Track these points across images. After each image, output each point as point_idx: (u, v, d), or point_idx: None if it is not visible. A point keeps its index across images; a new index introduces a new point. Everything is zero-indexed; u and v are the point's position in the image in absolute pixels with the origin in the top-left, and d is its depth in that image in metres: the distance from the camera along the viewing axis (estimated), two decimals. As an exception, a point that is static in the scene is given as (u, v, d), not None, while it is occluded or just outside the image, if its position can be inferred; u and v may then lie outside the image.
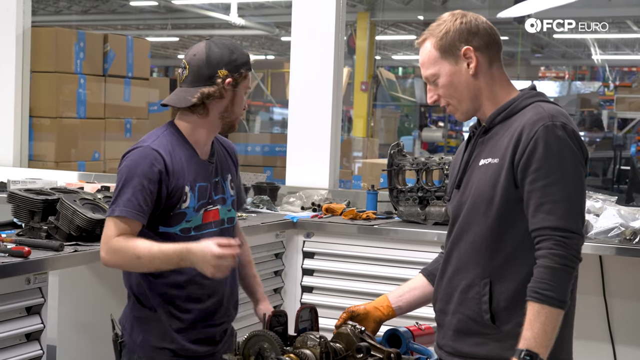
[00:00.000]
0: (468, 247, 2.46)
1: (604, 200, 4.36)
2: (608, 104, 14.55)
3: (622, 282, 4.47)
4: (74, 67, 6.58)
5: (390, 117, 14.26)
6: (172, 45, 15.96)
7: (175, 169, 2.78)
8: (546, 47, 15.20)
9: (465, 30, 2.45)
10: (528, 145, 2.31)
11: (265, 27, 12.89)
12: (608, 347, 4.51)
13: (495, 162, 2.40)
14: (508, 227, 2.38)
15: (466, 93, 2.47)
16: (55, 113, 6.53)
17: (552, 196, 2.28)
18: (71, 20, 11.25)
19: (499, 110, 2.45)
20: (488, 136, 2.47)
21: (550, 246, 2.26)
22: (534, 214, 2.30)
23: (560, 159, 2.29)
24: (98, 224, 3.37)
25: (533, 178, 2.30)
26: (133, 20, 13.16)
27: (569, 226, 2.27)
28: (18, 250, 3.00)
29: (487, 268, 2.41)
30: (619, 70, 16.18)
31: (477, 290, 2.42)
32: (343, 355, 2.60)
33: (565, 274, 2.24)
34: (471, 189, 2.46)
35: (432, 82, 2.51)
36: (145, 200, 2.71)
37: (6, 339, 3.01)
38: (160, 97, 8.11)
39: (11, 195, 3.46)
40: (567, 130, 2.31)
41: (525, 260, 2.35)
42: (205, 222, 2.86)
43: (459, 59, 2.45)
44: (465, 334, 2.46)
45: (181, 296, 2.85)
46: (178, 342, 2.86)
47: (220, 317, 2.94)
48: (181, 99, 2.82)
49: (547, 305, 2.23)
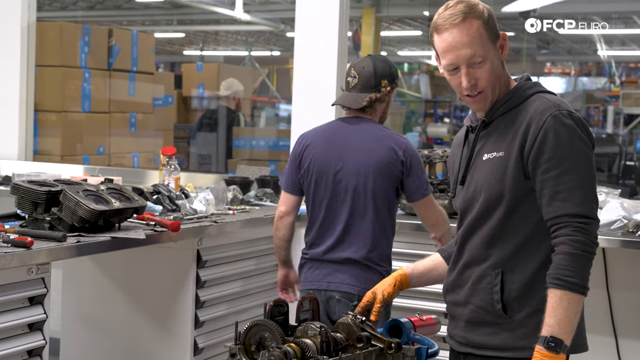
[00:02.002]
0: (479, 240, 2.46)
1: (607, 193, 4.35)
2: (614, 100, 14.50)
3: (625, 275, 4.47)
4: (79, 61, 6.59)
5: (396, 113, 14.24)
6: (178, 41, 15.96)
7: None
8: (552, 43, 15.15)
9: (494, 18, 2.42)
10: (538, 136, 2.31)
11: (270, 23, 12.87)
12: (611, 340, 4.51)
13: (500, 156, 2.39)
14: (519, 218, 2.38)
15: (497, 81, 2.42)
16: (60, 107, 6.55)
17: (566, 184, 2.28)
18: (77, 16, 11.26)
19: (499, 103, 2.44)
20: (488, 130, 2.46)
21: (569, 233, 2.26)
22: (549, 202, 2.30)
23: (570, 147, 2.29)
24: (101, 216, 3.39)
25: (546, 168, 2.30)
26: (139, 16, 13.15)
27: (586, 212, 2.27)
28: (21, 241, 3.01)
29: (498, 259, 2.41)
30: (625, 66, 16.13)
31: (489, 280, 2.42)
32: (344, 344, 2.61)
33: (586, 260, 2.25)
34: (477, 185, 2.44)
35: (471, 64, 2.38)
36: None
37: (9, 329, 3.03)
38: (165, 92, 8.12)
39: (15, 187, 3.47)
40: (574, 119, 2.32)
41: (536, 249, 2.37)
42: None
43: (497, 44, 2.41)
44: (477, 324, 2.46)
45: None
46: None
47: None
48: (354, 101, 3.65)
49: (570, 291, 2.22)
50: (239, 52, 16.17)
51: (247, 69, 12.56)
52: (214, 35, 15.64)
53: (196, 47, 16.26)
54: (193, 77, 9.56)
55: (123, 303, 4.25)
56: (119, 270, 4.27)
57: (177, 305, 4.07)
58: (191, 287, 4.02)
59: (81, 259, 4.16)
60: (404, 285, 2.70)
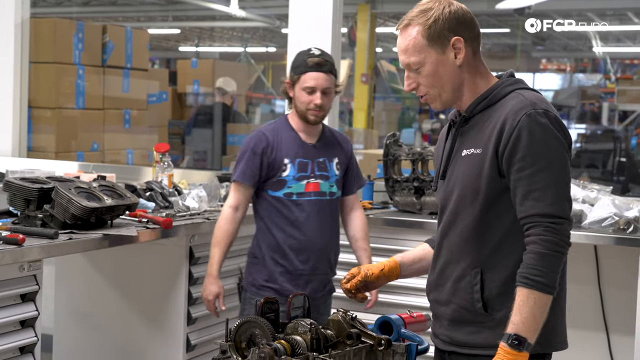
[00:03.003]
0: (457, 238, 2.46)
1: (598, 190, 4.36)
2: (609, 97, 14.53)
3: (616, 272, 4.48)
4: (73, 58, 6.58)
5: (391, 110, 14.25)
6: (174, 37, 15.93)
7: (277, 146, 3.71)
8: (547, 39, 15.16)
9: (454, 20, 2.41)
10: (512, 134, 2.31)
11: (266, 19, 12.86)
12: (602, 336, 4.52)
13: (478, 153, 2.40)
14: (495, 216, 2.38)
15: (449, 84, 2.43)
16: (54, 104, 6.53)
17: (539, 183, 2.28)
18: (72, 12, 11.22)
19: (478, 100, 2.44)
20: (468, 126, 2.47)
21: (540, 232, 2.26)
22: (521, 202, 2.31)
23: (544, 146, 2.30)
24: (93, 213, 3.39)
25: (519, 167, 2.30)
26: (134, 12, 13.13)
27: (558, 212, 2.27)
28: (12, 238, 3.02)
29: (477, 257, 2.42)
30: (620, 62, 16.15)
31: (469, 280, 2.43)
32: (334, 341, 2.62)
33: (555, 259, 2.26)
34: (456, 180, 2.46)
35: (413, 70, 2.45)
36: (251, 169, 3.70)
37: (1, 326, 3.03)
38: (160, 88, 8.12)
39: (7, 184, 3.47)
40: (549, 117, 2.32)
41: (514, 248, 2.36)
42: (307, 191, 3.72)
43: (447, 49, 2.41)
44: (460, 323, 2.47)
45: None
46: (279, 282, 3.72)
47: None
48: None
49: (537, 290, 2.24)
50: (235, 48, 16.17)
51: (242, 65, 12.55)
52: (209, 32, 15.63)
53: (192, 43, 16.25)
54: (188, 74, 9.55)
55: (115, 299, 4.26)
56: (111, 266, 4.28)
57: (169, 302, 4.08)
58: (183, 283, 4.04)
59: (73, 256, 4.16)
60: (393, 273, 2.71)
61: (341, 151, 3.88)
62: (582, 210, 4.15)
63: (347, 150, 3.93)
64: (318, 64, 3.66)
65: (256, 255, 3.79)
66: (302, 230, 3.72)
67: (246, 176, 3.70)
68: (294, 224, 3.72)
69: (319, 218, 3.75)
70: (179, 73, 9.74)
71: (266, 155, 3.69)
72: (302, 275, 3.73)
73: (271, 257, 3.74)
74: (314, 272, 3.75)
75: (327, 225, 3.79)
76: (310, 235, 3.72)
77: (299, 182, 3.72)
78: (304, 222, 3.72)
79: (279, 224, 3.72)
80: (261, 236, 3.78)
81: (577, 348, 4.53)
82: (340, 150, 3.88)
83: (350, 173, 3.93)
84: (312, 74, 3.65)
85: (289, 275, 3.72)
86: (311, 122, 3.74)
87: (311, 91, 3.65)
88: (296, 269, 3.72)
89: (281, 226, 3.72)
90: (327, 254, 3.80)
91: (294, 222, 3.72)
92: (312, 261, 3.74)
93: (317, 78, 3.65)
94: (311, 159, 3.76)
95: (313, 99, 3.66)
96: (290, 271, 3.72)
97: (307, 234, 3.72)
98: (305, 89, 3.65)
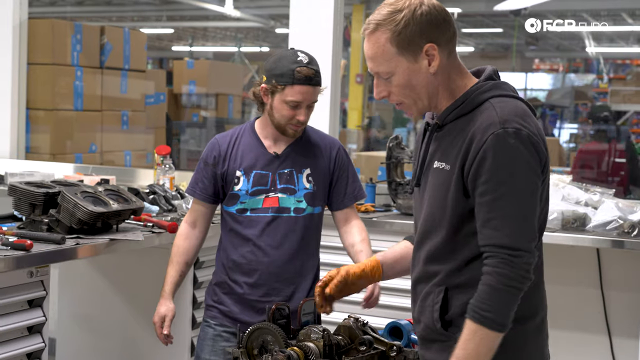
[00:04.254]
0: (425, 255, 2.31)
1: (601, 193, 4.38)
2: (602, 97, 14.56)
3: (619, 275, 4.49)
4: (71, 59, 6.56)
5: (384, 109, 14.25)
6: (167, 37, 15.91)
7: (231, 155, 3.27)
8: (541, 39, 15.19)
9: (426, 24, 2.16)
10: (477, 155, 2.11)
11: (260, 19, 12.86)
12: (605, 339, 4.54)
13: (446, 169, 2.21)
14: (463, 236, 2.21)
15: (424, 92, 2.21)
16: (52, 105, 6.51)
17: (500, 211, 2.10)
18: (66, 12, 11.20)
19: (450, 108, 2.22)
20: (442, 133, 2.26)
21: (495, 264, 2.10)
22: (481, 229, 2.14)
23: (510, 171, 2.09)
24: (99, 217, 3.38)
25: (482, 191, 2.12)
26: (128, 12, 13.10)
27: (517, 244, 2.09)
28: (20, 244, 3.00)
29: (443, 276, 2.26)
30: (612, 62, 16.19)
31: (432, 298, 2.28)
32: (346, 348, 2.62)
33: (509, 295, 2.09)
34: (428, 195, 2.29)
35: (383, 78, 2.23)
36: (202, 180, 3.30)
37: (8, 332, 3.02)
38: (156, 89, 8.10)
39: (12, 188, 3.45)
40: (520, 137, 2.09)
41: (480, 268, 2.17)
42: (264, 206, 3.23)
43: (419, 57, 2.18)
44: (430, 342, 2.33)
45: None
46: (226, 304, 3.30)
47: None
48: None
49: (484, 326, 2.09)
50: (228, 47, 16.16)
51: (237, 65, 12.54)
52: (203, 31, 15.62)
53: (185, 42, 16.22)
54: (184, 74, 9.55)
55: (119, 304, 4.24)
56: (114, 271, 4.27)
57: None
58: (188, 287, 4.02)
59: (77, 260, 4.14)
60: (376, 274, 2.57)
61: (319, 160, 3.32)
62: (585, 214, 4.16)
63: (329, 157, 3.35)
64: (308, 76, 3.12)
65: (215, 272, 3.38)
66: (254, 252, 3.22)
67: (196, 190, 3.29)
68: (247, 244, 3.23)
69: (279, 238, 3.22)
70: (175, 73, 9.73)
71: (218, 167, 3.24)
72: (250, 301, 3.23)
73: (221, 276, 3.31)
74: (269, 299, 3.20)
75: (291, 247, 3.24)
76: (263, 257, 3.21)
77: (254, 197, 3.21)
78: (256, 243, 3.21)
79: (233, 241, 3.27)
80: (218, 253, 3.37)
81: (579, 351, 4.58)
82: (316, 159, 3.31)
83: (340, 184, 3.37)
84: (300, 87, 3.11)
85: (235, 297, 3.26)
86: (290, 136, 3.25)
87: (295, 106, 3.14)
88: (245, 293, 3.24)
89: (234, 244, 3.26)
90: (292, 281, 3.26)
91: (247, 242, 3.23)
92: (264, 287, 3.22)
93: (305, 92, 3.13)
94: (272, 171, 3.23)
95: (296, 114, 3.16)
96: (239, 294, 3.25)
97: (257, 256, 3.21)
98: (288, 102, 3.12)
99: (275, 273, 3.23)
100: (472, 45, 15.21)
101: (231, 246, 3.27)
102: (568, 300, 4.58)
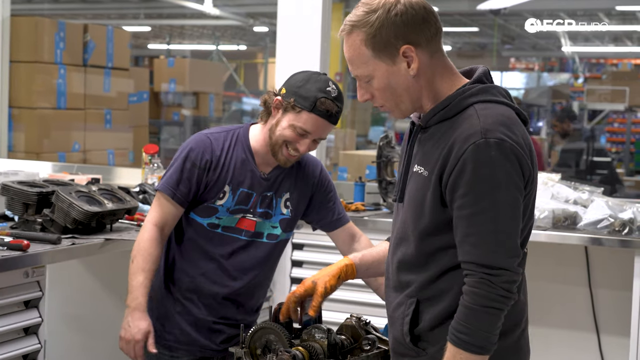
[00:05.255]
0: (397, 263, 2.22)
1: (590, 191, 4.41)
2: (578, 95, 14.68)
3: (607, 272, 4.53)
4: (54, 57, 6.50)
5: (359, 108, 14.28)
6: (143, 35, 15.83)
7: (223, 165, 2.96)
8: (517, 38, 15.28)
9: (402, 25, 2.06)
10: (456, 166, 2.00)
11: (239, 17, 12.82)
12: (593, 337, 4.57)
13: (425, 175, 2.10)
14: (438, 246, 2.11)
15: (405, 95, 2.12)
16: (35, 103, 6.46)
17: (478, 227, 1.99)
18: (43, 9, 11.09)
19: (435, 110, 2.12)
20: (426, 135, 2.15)
21: (473, 284, 2.00)
22: (460, 244, 2.03)
23: (491, 184, 1.98)
24: (94, 217, 3.35)
25: (460, 204, 2.01)
26: (105, 10, 13.03)
27: (497, 262, 1.99)
28: (17, 244, 2.97)
29: (416, 287, 2.16)
30: (587, 62, 16.33)
31: (403, 310, 2.19)
32: (349, 347, 2.62)
33: (487, 315, 1.99)
34: (405, 198, 2.18)
35: (363, 82, 2.14)
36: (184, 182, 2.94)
37: (4, 334, 2.98)
38: (140, 88, 8.06)
39: (4, 188, 3.41)
40: (502, 148, 1.97)
41: (455, 280, 2.09)
42: (237, 226, 3.00)
43: (397, 59, 2.08)
44: (399, 355, 2.26)
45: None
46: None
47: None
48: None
49: (462, 350, 2.00)
50: (206, 46, 16.11)
51: (217, 64, 12.51)
52: (180, 29, 15.55)
53: (162, 41, 16.15)
54: (164, 72, 9.51)
55: (110, 304, 4.21)
56: (105, 271, 4.24)
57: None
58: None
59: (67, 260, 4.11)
60: (349, 276, 2.52)
61: (300, 183, 3.10)
62: (576, 212, 4.19)
63: (311, 179, 3.13)
64: (329, 112, 2.84)
65: (153, 287, 3.01)
66: (218, 272, 2.99)
67: (176, 192, 2.93)
68: (209, 262, 2.99)
69: (247, 262, 3.03)
70: (155, 72, 9.69)
71: (208, 173, 2.94)
72: (205, 321, 3.01)
73: (172, 293, 3.03)
74: (222, 320, 3.04)
75: (255, 272, 3.05)
76: (227, 279, 3.00)
77: (231, 215, 2.97)
78: (222, 264, 3.00)
79: (193, 256, 3.00)
80: (167, 264, 3.06)
81: (567, 348, 4.61)
82: (297, 182, 3.09)
83: (328, 204, 3.18)
84: (317, 118, 2.85)
85: (190, 318, 3.01)
86: (279, 162, 2.98)
87: (302, 134, 2.88)
88: (200, 313, 3.01)
89: (194, 259, 3.00)
90: (248, 304, 3.10)
91: (210, 260, 2.99)
92: (220, 309, 3.03)
93: (319, 126, 2.87)
94: (257, 192, 3.00)
95: (299, 142, 2.90)
96: (193, 314, 3.01)
97: (222, 277, 3.00)
98: (297, 128, 2.86)
99: (233, 299, 3.03)
100: (449, 44, 15.28)
101: (188, 259, 3.00)
102: (556, 298, 4.62)
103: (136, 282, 2.89)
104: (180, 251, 3.02)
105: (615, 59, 15.64)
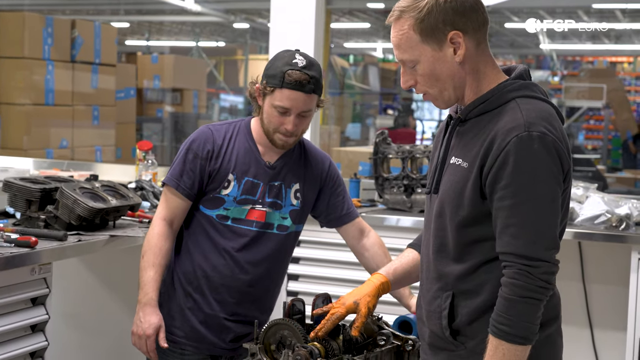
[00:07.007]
0: (433, 256, 2.24)
1: (585, 187, 4.45)
2: (556, 93, 14.78)
3: (600, 267, 4.57)
4: (42, 53, 6.45)
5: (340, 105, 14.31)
6: (121, 31, 15.70)
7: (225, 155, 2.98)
8: (494, 35, 15.35)
9: (450, 11, 2.09)
10: (498, 158, 2.03)
11: (219, 14, 12.77)
12: (586, 332, 4.61)
13: (464, 167, 2.13)
14: (475, 238, 2.14)
15: (449, 82, 2.15)
16: (23, 100, 6.41)
17: (518, 218, 2.02)
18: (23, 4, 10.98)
19: (475, 103, 2.15)
20: (465, 128, 2.19)
21: (512, 275, 2.03)
22: (499, 235, 2.06)
23: (532, 177, 2.02)
24: (99, 214, 3.33)
25: (501, 195, 2.04)
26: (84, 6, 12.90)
27: (535, 253, 2.01)
28: (24, 241, 2.94)
29: (450, 280, 2.19)
30: (564, 59, 16.43)
31: (439, 303, 2.21)
32: (365, 342, 2.63)
33: (527, 306, 2.01)
34: (441, 190, 2.21)
35: (408, 67, 2.18)
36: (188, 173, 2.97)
37: (12, 331, 2.96)
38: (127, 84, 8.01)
39: (7, 184, 3.38)
40: (544, 142, 2.01)
41: (491, 273, 2.13)
42: (247, 218, 2.98)
43: (444, 44, 2.11)
44: (437, 349, 2.27)
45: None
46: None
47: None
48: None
49: (504, 341, 2.02)
50: (185, 42, 16.04)
51: (200, 60, 12.46)
52: (159, 26, 15.45)
53: (140, 37, 16.04)
54: (147, 69, 9.46)
55: (111, 301, 4.19)
56: (106, 268, 4.21)
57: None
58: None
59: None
60: (385, 292, 2.54)
61: (309, 175, 3.10)
62: (572, 208, 4.23)
63: (320, 172, 3.13)
64: (299, 81, 2.83)
65: (165, 282, 3.02)
66: (229, 265, 2.97)
67: (180, 183, 2.95)
68: (221, 256, 2.97)
69: (258, 255, 3.00)
70: (139, 68, 9.64)
71: (210, 162, 2.96)
72: (216, 317, 2.99)
73: (183, 288, 3.01)
74: (233, 317, 3.02)
75: (267, 265, 3.02)
76: (239, 273, 2.98)
77: (240, 206, 2.96)
78: (234, 257, 2.97)
79: (204, 250, 2.99)
80: (178, 258, 3.05)
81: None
82: (306, 173, 3.09)
83: (337, 199, 3.17)
84: (289, 92, 2.84)
85: (200, 314, 2.99)
86: (277, 147, 2.98)
87: (284, 112, 2.88)
88: (211, 309, 2.99)
89: (205, 252, 2.99)
90: (260, 299, 3.07)
91: (222, 253, 2.97)
92: (232, 304, 3.00)
93: (294, 99, 2.85)
94: (264, 181, 2.99)
95: (284, 122, 2.89)
96: (203, 310, 2.99)
97: (233, 270, 2.97)
98: (276, 107, 2.88)
99: (246, 292, 3.01)
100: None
101: (199, 252, 2.99)
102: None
103: (147, 277, 2.90)
104: (191, 245, 3.01)
105: (591, 57, 15.77)
